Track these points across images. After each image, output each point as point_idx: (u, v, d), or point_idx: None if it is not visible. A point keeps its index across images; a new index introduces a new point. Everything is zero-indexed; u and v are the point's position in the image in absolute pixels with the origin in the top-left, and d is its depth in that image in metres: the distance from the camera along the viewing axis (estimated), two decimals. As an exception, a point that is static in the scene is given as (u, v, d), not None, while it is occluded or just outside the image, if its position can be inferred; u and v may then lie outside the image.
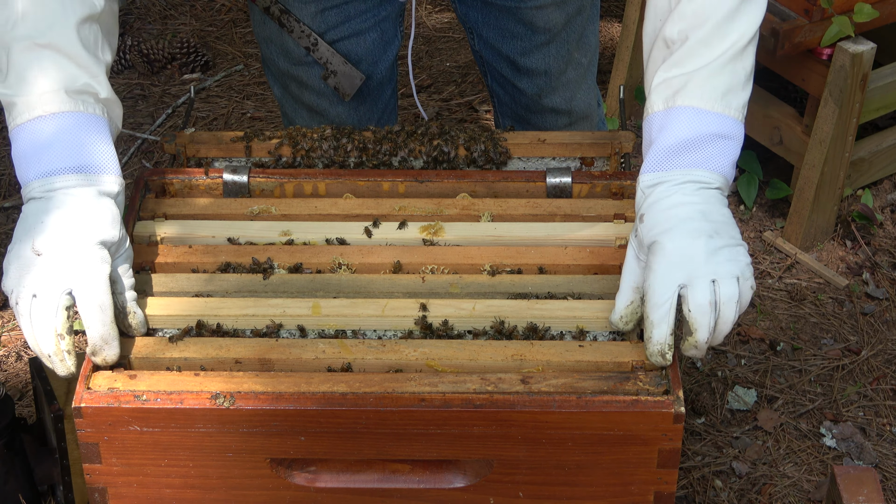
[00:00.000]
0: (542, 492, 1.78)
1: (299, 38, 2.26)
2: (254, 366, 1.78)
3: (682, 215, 1.70)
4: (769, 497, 2.53)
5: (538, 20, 2.30)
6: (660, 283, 1.67)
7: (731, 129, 1.74)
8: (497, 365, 1.77)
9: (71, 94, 1.74)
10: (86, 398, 1.71)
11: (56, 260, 1.67)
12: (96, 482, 1.78)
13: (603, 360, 1.76)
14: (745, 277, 1.68)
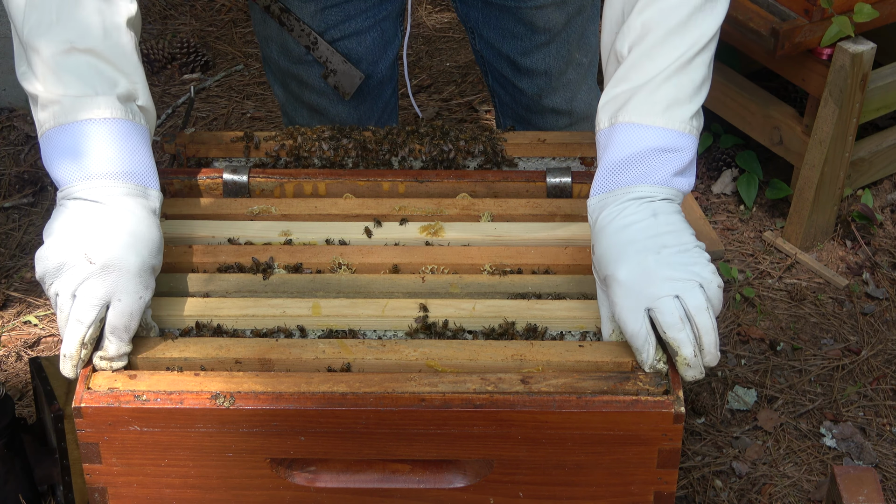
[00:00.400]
0: (542, 492, 1.78)
1: (299, 37, 2.27)
2: (254, 366, 1.78)
3: (626, 240, 1.68)
4: (769, 497, 2.53)
5: (538, 20, 2.30)
6: (627, 316, 1.67)
7: (675, 142, 1.72)
8: (497, 365, 1.77)
9: (122, 101, 1.73)
10: (86, 398, 1.71)
11: (107, 275, 1.66)
12: (96, 482, 1.78)
13: (603, 359, 1.76)
14: (707, 281, 1.66)
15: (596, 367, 1.76)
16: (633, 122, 1.72)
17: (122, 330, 1.69)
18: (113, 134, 1.72)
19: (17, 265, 3.10)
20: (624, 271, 1.67)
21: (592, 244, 1.75)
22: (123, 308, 1.68)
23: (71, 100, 1.71)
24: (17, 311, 2.96)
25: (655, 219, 1.69)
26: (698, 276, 1.66)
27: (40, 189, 3.33)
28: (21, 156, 3.43)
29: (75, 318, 1.67)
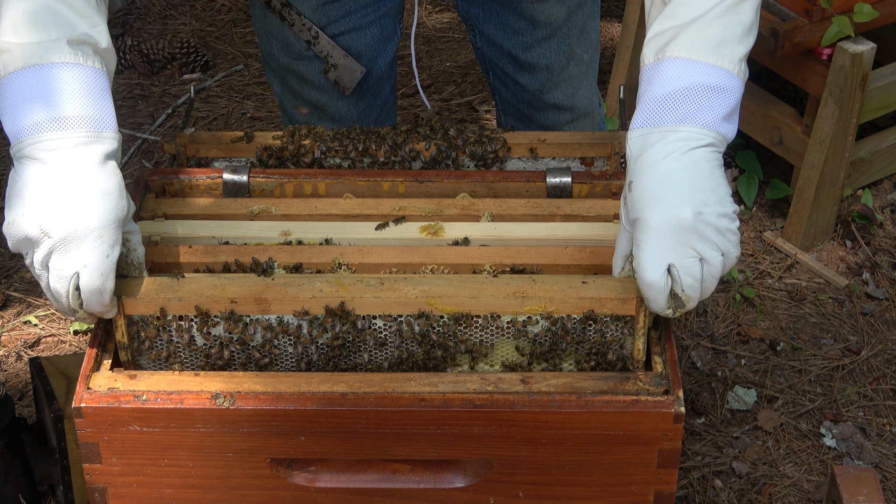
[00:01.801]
0: (542, 492, 1.78)
1: (300, 32, 2.27)
2: (249, 306, 1.75)
3: (668, 188, 1.64)
4: (769, 497, 2.53)
5: (539, 14, 2.30)
6: (649, 264, 1.64)
7: (725, 81, 1.67)
8: (499, 302, 1.74)
9: (72, 45, 1.67)
10: (86, 398, 1.71)
11: (67, 247, 1.64)
12: (96, 482, 1.78)
13: (607, 296, 1.73)
14: (731, 254, 1.65)
15: (599, 304, 1.73)
16: (682, 57, 1.66)
17: (97, 293, 1.66)
18: (64, 80, 1.66)
19: (17, 265, 3.10)
20: (659, 220, 1.63)
21: (629, 180, 1.68)
22: (91, 276, 1.64)
23: (19, 46, 1.65)
24: (17, 311, 2.96)
25: (700, 171, 1.65)
26: (725, 246, 1.64)
27: (40, 189, 3.32)
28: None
29: (53, 290, 1.66)
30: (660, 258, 1.64)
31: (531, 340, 1.78)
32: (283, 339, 1.79)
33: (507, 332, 1.78)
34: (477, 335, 1.78)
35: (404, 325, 1.77)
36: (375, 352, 1.79)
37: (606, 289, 1.75)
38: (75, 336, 2.90)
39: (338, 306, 1.76)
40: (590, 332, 1.77)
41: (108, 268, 1.66)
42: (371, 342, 1.78)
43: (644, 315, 1.74)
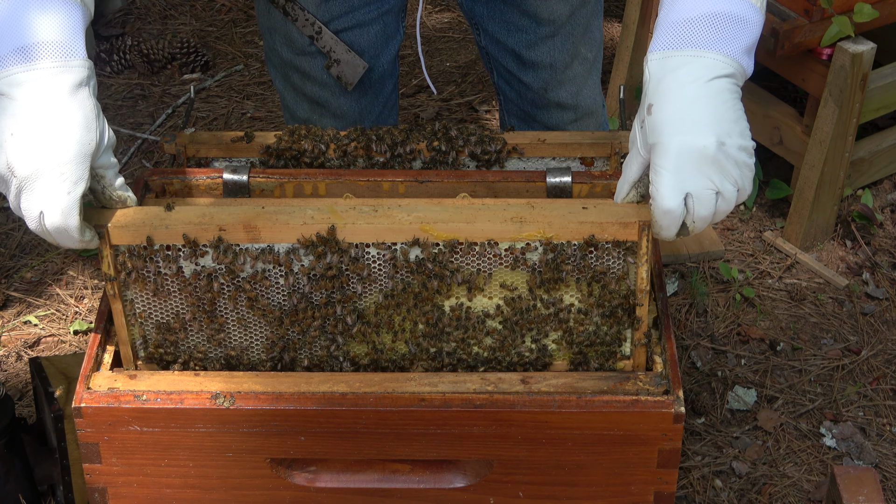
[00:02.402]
0: (542, 492, 1.78)
1: (303, 27, 2.27)
2: (238, 234, 1.71)
3: (692, 114, 1.61)
4: (769, 497, 2.53)
5: (543, 12, 2.31)
6: (667, 191, 1.61)
7: (749, 13, 1.64)
8: (496, 228, 1.70)
9: None
10: (86, 398, 1.71)
11: (30, 186, 1.60)
12: (96, 482, 1.78)
13: (608, 220, 1.69)
14: (745, 190, 1.63)
15: (600, 228, 1.69)
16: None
17: (62, 231, 1.63)
18: (31, 9, 1.61)
19: (17, 265, 3.10)
20: (681, 146, 1.60)
21: (647, 103, 1.64)
22: (52, 215, 1.61)
23: None
24: (17, 311, 2.96)
25: (723, 101, 1.62)
26: (742, 181, 1.62)
27: (40, 189, 3.33)
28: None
29: (33, 230, 1.63)
30: (679, 185, 1.60)
31: (530, 269, 1.73)
32: (273, 270, 1.74)
33: (504, 261, 1.73)
34: (474, 263, 1.73)
35: (399, 254, 1.72)
36: (369, 284, 1.74)
37: (607, 213, 1.70)
38: (75, 336, 2.90)
39: (329, 232, 1.70)
40: (590, 259, 1.72)
41: (70, 205, 1.61)
42: (365, 273, 1.72)
43: (647, 240, 1.69)
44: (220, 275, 1.74)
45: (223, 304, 1.76)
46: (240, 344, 1.79)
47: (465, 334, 1.77)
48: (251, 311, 1.76)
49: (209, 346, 1.80)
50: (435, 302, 1.76)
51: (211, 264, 1.74)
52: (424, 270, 1.73)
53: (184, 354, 1.80)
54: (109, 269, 1.73)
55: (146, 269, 1.73)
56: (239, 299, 1.75)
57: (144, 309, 1.77)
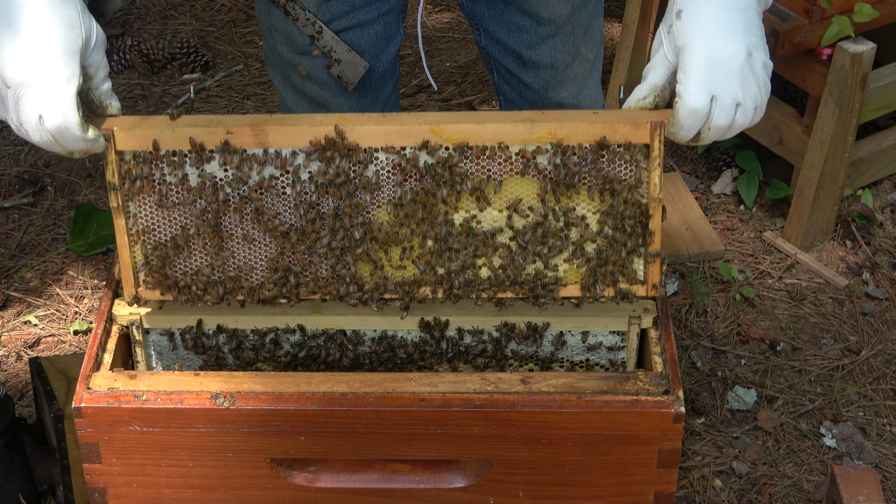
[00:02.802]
0: (542, 492, 1.78)
1: (304, 27, 2.27)
2: (246, 138, 1.70)
3: (724, 20, 1.65)
4: (769, 497, 2.53)
5: (543, 11, 2.30)
6: (698, 91, 1.65)
7: None
8: (507, 129, 1.68)
9: None
10: (86, 398, 1.71)
11: (25, 93, 1.63)
12: (96, 482, 1.78)
13: (620, 121, 1.69)
14: (761, 108, 1.68)
15: (612, 130, 1.69)
16: None
17: (63, 130, 1.64)
18: None
19: (17, 265, 3.10)
20: (713, 50, 1.64)
21: (677, 9, 1.68)
22: (50, 117, 1.63)
23: None
24: (17, 311, 2.96)
25: (751, 17, 1.67)
26: (760, 98, 1.67)
27: (40, 189, 3.33)
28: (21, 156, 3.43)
29: (39, 143, 1.65)
30: (707, 87, 1.64)
31: (541, 175, 1.70)
32: (281, 177, 1.72)
33: (515, 165, 1.71)
34: (484, 168, 1.71)
35: (408, 157, 1.69)
36: (377, 192, 1.72)
37: (619, 115, 1.70)
38: (75, 336, 2.90)
39: (337, 132, 1.68)
40: (602, 164, 1.70)
41: (66, 102, 1.63)
42: (373, 179, 1.70)
43: (659, 142, 1.69)
44: (227, 183, 1.71)
45: (229, 218, 1.73)
46: (244, 264, 1.75)
47: (475, 251, 1.74)
48: (257, 226, 1.72)
49: (212, 268, 1.75)
50: (444, 216, 1.72)
51: (217, 171, 1.70)
52: (434, 176, 1.69)
53: (184, 278, 1.77)
54: (114, 176, 1.71)
55: (151, 175, 1.71)
56: (245, 211, 1.72)
57: (147, 224, 1.74)
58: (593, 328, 1.84)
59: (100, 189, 3.28)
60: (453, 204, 1.72)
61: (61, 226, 3.21)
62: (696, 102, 1.65)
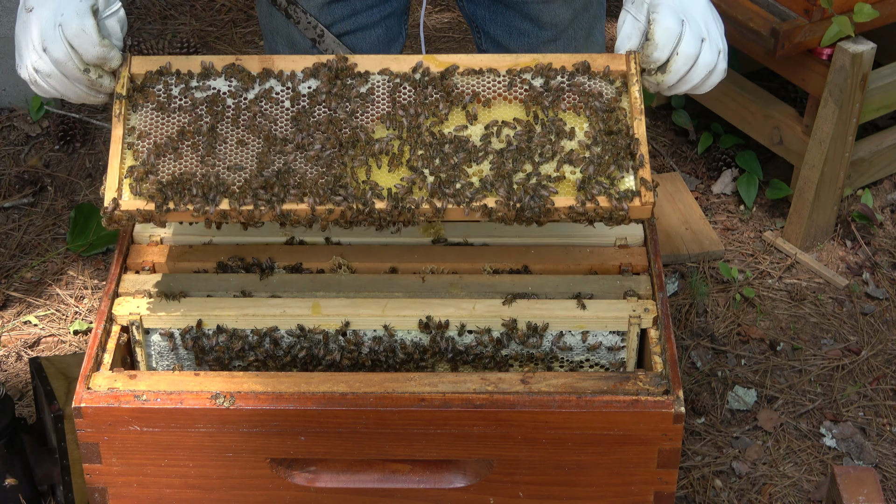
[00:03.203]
0: (542, 492, 1.78)
1: (305, 30, 2.27)
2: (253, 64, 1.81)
3: None
4: (769, 497, 2.53)
5: (544, 16, 2.30)
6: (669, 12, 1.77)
7: None
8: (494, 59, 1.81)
9: None
10: (86, 398, 1.71)
11: (43, 10, 1.72)
12: (96, 482, 1.78)
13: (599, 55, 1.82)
14: (724, 52, 1.82)
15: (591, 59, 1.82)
16: None
17: (80, 33, 1.72)
18: None
19: (17, 265, 3.10)
20: None
21: None
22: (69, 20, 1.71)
23: None
24: (17, 311, 2.96)
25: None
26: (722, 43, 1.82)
27: (40, 189, 3.33)
28: (21, 156, 3.43)
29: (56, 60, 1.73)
30: (678, 13, 1.78)
31: (526, 94, 1.80)
32: (280, 91, 1.80)
33: (502, 83, 1.81)
34: (472, 85, 1.81)
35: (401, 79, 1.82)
36: (371, 105, 1.80)
37: (598, 54, 1.85)
38: (75, 336, 2.90)
39: (340, 60, 1.81)
40: (583, 82, 1.81)
41: (84, 9, 1.71)
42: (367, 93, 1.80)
43: (635, 64, 1.81)
44: (229, 94, 1.80)
45: (225, 126, 1.78)
46: (233, 164, 1.75)
47: (465, 158, 1.76)
48: (251, 132, 1.77)
49: (200, 171, 1.75)
50: (435, 127, 1.79)
51: (222, 85, 1.80)
52: (423, 86, 1.81)
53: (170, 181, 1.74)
54: (123, 88, 1.78)
55: (158, 86, 1.79)
56: (242, 118, 1.78)
57: (145, 128, 1.78)
58: (593, 328, 1.84)
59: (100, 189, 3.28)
60: (443, 117, 1.80)
61: (61, 226, 3.21)
62: (669, 21, 1.78)
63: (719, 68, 1.82)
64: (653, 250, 1.92)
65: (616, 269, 1.93)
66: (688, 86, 1.81)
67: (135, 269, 1.93)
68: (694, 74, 1.79)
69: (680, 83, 1.80)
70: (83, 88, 1.77)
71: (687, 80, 1.80)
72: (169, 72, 1.81)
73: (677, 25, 1.78)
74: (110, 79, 1.79)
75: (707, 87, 1.82)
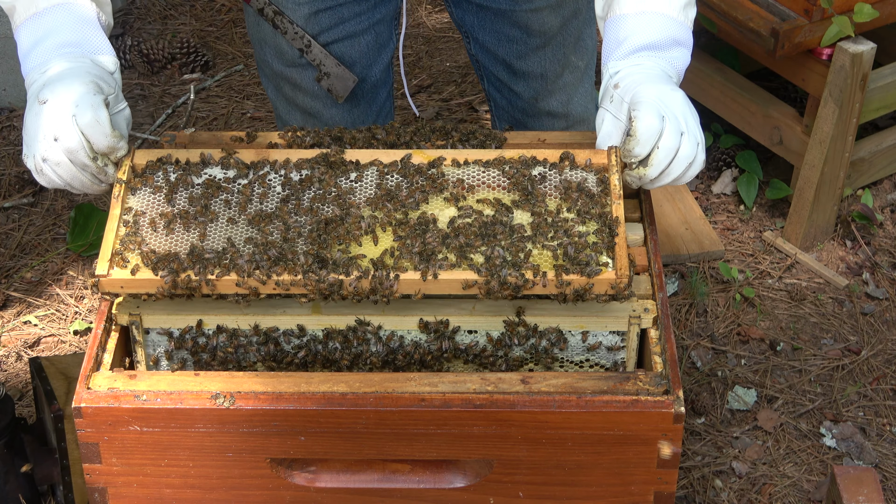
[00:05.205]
0: (542, 492, 1.78)
1: (293, 40, 2.26)
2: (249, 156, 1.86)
3: (658, 79, 1.87)
4: (769, 497, 2.53)
5: (533, 23, 2.30)
6: (650, 109, 1.81)
7: (688, 38, 1.96)
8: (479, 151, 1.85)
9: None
10: (86, 398, 1.71)
11: (60, 97, 1.79)
12: (96, 482, 1.78)
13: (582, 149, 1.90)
14: (702, 146, 1.85)
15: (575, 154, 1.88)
16: (662, 13, 1.93)
17: (95, 124, 1.78)
18: (55, 20, 1.88)
19: (17, 265, 3.10)
20: (660, 90, 1.84)
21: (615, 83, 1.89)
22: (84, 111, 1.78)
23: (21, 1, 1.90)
24: (17, 311, 2.96)
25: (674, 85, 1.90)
26: (700, 136, 1.85)
27: (40, 189, 3.33)
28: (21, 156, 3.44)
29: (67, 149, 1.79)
30: (659, 109, 1.81)
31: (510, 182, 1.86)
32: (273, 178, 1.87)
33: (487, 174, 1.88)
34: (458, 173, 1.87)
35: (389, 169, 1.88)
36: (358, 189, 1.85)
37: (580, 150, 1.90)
38: (75, 336, 2.90)
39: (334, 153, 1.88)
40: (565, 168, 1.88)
41: (97, 101, 1.79)
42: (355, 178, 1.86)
43: (616, 157, 1.86)
44: (223, 180, 1.87)
45: (217, 206, 1.84)
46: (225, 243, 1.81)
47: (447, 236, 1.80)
48: (242, 213, 1.83)
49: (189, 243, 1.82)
50: (419, 212, 1.82)
51: (217, 173, 1.87)
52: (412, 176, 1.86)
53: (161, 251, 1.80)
54: (124, 175, 1.85)
55: (158, 172, 1.87)
56: (234, 201, 1.84)
57: (141, 208, 1.84)
58: (593, 328, 1.84)
59: (100, 191, 3.28)
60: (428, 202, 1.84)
61: (61, 226, 3.21)
62: (650, 119, 1.80)
63: (699, 160, 1.85)
64: (653, 250, 1.93)
65: (616, 269, 1.92)
66: (669, 178, 1.84)
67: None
68: (675, 167, 1.83)
69: (662, 176, 1.84)
70: (88, 177, 1.83)
71: (668, 172, 1.83)
72: (169, 161, 1.89)
73: (658, 122, 1.81)
74: (114, 168, 1.85)
75: (687, 178, 1.86)
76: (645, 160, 1.83)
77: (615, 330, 1.85)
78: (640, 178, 1.84)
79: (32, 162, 1.83)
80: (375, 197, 1.84)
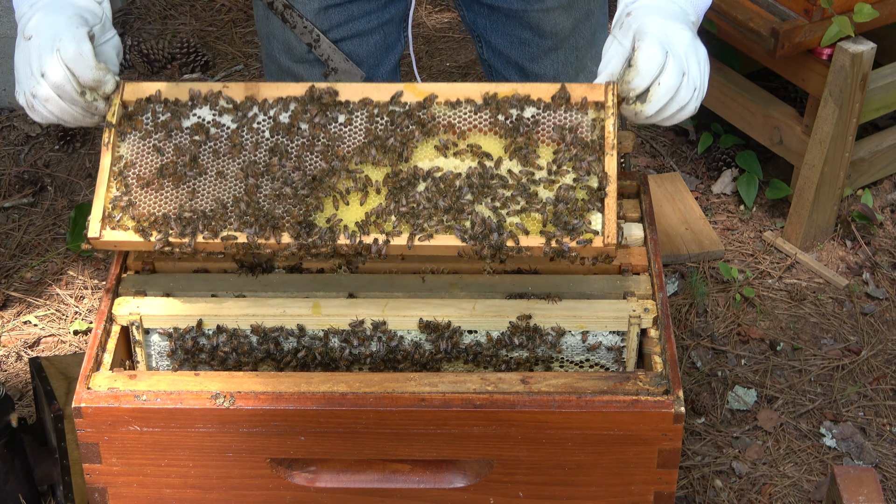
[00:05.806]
0: (542, 492, 1.78)
1: (301, 35, 2.26)
2: (238, 92, 1.83)
3: (669, 13, 1.83)
4: (769, 497, 2.53)
5: (545, 24, 2.30)
6: (654, 42, 1.78)
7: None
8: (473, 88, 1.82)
9: None
10: (86, 398, 1.71)
11: (42, 39, 1.77)
12: (96, 482, 1.78)
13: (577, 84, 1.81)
14: (702, 87, 1.82)
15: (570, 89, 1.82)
16: None
17: (79, 57, 1.76)
18: None
19: (17, 265, 3.10)
20: (665, 25, 1.80)
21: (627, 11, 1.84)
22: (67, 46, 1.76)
23: None
24: (17, 311, 2.96)
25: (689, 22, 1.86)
26: (701, 78, 1.82)
27: (40, 189, 3.33)
28: (21, 156, 3.43)
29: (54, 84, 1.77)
30: (663, 44, 1.78)
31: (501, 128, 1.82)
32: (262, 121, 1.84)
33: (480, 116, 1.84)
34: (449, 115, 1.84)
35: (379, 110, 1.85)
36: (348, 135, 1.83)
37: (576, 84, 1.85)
38: (75, 336, 2.90)
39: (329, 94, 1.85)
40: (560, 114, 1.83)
41: (79, 34, 1.77)
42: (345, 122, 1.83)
43: (612, 95, 1.81)
44: (212, 123, 1.83)
45: (206, 157, 1.82)
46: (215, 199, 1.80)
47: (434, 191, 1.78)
48: (231, 161, 1.81)
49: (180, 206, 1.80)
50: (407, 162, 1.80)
51: (206, 115, 1.83)
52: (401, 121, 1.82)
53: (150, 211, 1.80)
54: (113, 116, 1.82)
55: (146, 114, 1.84)
56: (222, 148, 1.82)
57: (131, 158, 1.82)
58: (593, 328, 1.84)
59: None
60: (417, 151, 1.81)
61: (61, 226, 3.21)
62: (653, 50, 1.78)
63: (690, 107, 1.82)
64: (653, 250, 1.93)
65: (616, 269, 1.92)
66: (663, 116, 1.82)
67: (135, 269, 1.93)
68: (671, 106, 1.80)
69: (658, 113, 1.81)
70: (79, 111, 1.81)
71: (665, 110, 1.81)
72: (158, 100, 1.85)
73: (661, 56, 1.78)
74: (104, 103, 1.83)
75: (675, 121, 1.83)
76: (644, 95, 1.80)
77: (615, 330, 1.85)
78: (637, 113, 1.81)
79: (24, 98, 1.82)
80: (363, 146, 1.81)
